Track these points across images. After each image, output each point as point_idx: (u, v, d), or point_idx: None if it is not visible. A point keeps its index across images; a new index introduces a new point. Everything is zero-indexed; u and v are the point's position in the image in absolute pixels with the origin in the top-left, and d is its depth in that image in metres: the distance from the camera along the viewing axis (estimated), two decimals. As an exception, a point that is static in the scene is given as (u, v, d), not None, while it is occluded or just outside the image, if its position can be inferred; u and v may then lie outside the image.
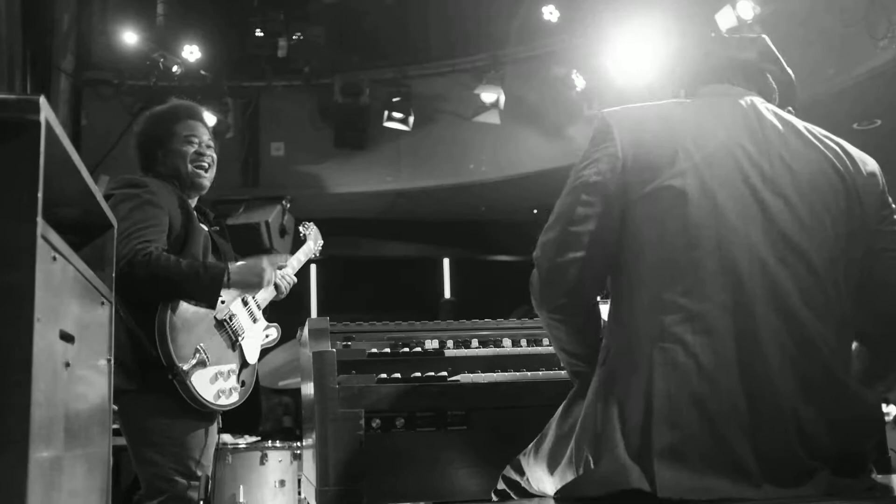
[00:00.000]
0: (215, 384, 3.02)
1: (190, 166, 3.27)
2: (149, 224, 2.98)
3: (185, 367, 2.88)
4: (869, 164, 1.97)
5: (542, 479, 2.02)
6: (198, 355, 2.95)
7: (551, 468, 1.95)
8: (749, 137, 1.88)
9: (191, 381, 2.90)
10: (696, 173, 1.81)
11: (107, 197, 2.96)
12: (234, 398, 3.10)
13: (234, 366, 3.14)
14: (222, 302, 3.11)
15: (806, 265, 1.80)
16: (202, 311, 3.03)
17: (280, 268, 3.39)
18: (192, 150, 3.29)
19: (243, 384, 3.17)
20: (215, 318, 3.07)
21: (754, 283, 1.76)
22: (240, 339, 3.16)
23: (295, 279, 3.51)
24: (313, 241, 3.94)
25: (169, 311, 2.90)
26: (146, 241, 2.92)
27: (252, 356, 3.22)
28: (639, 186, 1.83)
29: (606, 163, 1.86)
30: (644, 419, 1.70)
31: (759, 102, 1.97)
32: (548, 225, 1.92)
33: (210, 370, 3.00)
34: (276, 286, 3.42)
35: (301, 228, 3.98)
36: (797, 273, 1.79)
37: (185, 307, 2.97)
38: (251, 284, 3.16)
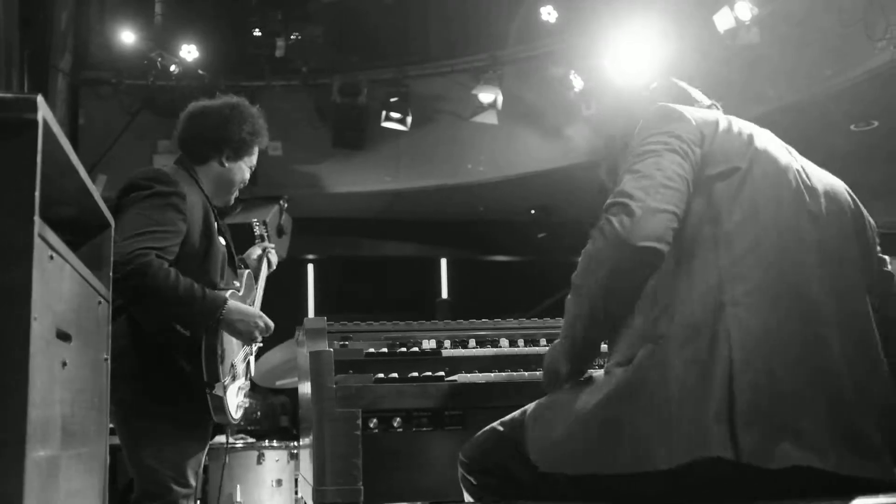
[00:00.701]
0: (237, 398, 3.01)
1: (235, 191, 3.14)
2: (160, 228, 2.75)
3: (226, 383, 2.83)
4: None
5: (559, 452, 1.89)
6: (233, 370, 2.92)
7: (572, 437, 1.86)
8: (786, 149, 2.07)
9: (226, 398, 2.84)
10: (760, 162, 1.94)
11: (132, 186, 2.82)
12: (242, 411, 3.10)
13: (245, 378, 3.13)
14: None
15: (840, 260, 1.96)
16: None
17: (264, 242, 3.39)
18: (247, 177, 3.18)
19: (246, 395, 3.17)
20: None
21: (810, 264, 1.88)
22: (252, 349, 3.15)
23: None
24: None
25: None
26: (149, 247, 2.68)
27: (253, 364, 3.22)
28: (711, 166, 1.91)
29: (689, 136, 1.92)
30: (724, 384, 1.71)
31: None
32: (633, 176, 1.87)
33: (236, 384, 2.99)
34: (269, 262, 3.40)
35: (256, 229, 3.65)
36: (834, 263, 1.93)
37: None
38: (238, 331, 2.89)
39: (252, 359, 3.21)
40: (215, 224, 3.02)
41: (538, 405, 2.03)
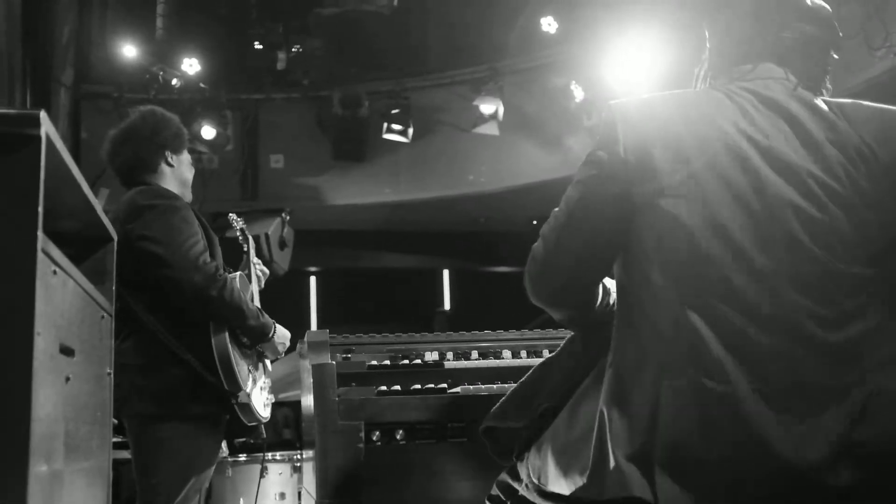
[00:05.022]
0: (261, 397, 3.12)
1: (191, 175, 3.26)
2: (202, 241, 2.95)
3: (248, 390, 2.94)
4: None
5: (555, 480, 1.92)
6: (251, 375, 3.03)
7: (564, 468, 1.88)
8: (752, 136, 1.77)
9: (253, 403, 2.97)
10: (699, 187, 1.72)
11: (143, 207, 2.95)
12: (270, 407, 3.23)
13: (265, 375, 3.24)
14: None
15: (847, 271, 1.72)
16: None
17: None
18: (192, 173, 3.29)
19: (270, 391, 3.28)
20: None
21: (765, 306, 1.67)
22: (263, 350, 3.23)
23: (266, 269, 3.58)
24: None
25: (227, 336, 2.91)
26: (213, 261, 2.94)
27: (269, 363, 3.31)
28: (641, 194, 1.75)
29: (610, 163, 1.79)
30: (646, 425, 1.65)
31: (777, 91, 1.86)
32: (553, 213, 1.91)
33: (258, 386, 3.10)
34: (258, 276, 3.50)
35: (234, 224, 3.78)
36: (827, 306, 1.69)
37: (234, 333, 2.99)
38: (276, 349, 3.20)
39: (267, 359, 3.31)
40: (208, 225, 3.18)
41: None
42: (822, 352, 1.66)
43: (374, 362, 2.84)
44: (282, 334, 3.20)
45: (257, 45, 8.53)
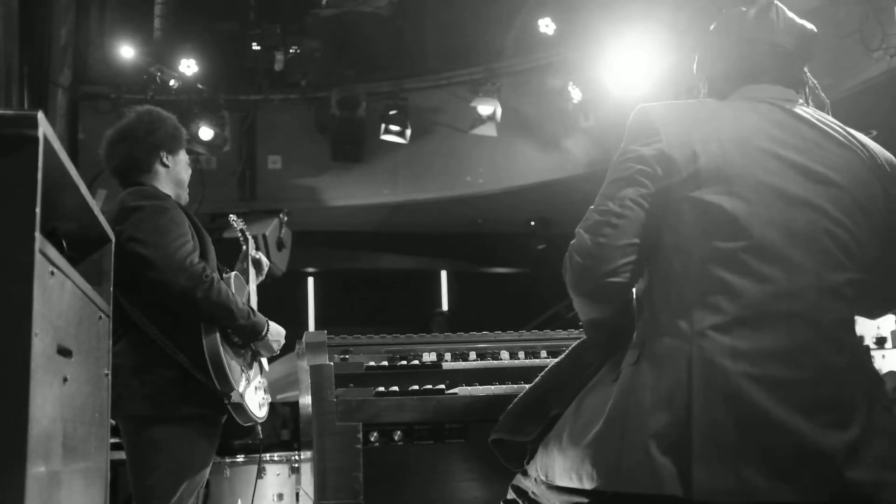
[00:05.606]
0: (256, 397, 3.12)
1: (187, 175, 3.26)
2: (191, 243, 2.94)
3: (241, 390, 2.95)
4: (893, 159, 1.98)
5: (562, 474, 1.95)
6: (244, 375, 3.03)
7: (572, 461, 1.90)
8: (783, 142, 1.88)
9: (246, 403, 2.97)
10: (741, 185, 1.80)
11: (131, 209, 2.94)
12: (266, 407, 3.22)
13: (260, 374, 3.24)
14: None
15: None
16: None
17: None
18: (189, 173, 3.28)
19: (265, 391, 3.27)
20: None
21: (800, 292, 1.75)
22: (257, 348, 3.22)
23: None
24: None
25: (217, 336, 2.91)
26: (200, 262, 2.91)
27: (265, 362, 3.32)
28: (682, 186, 1.83)
29: (653, 158, 1.85)
30: (679, 417, 1.69)
31: (790, 105, 1.98)
32: (591, 210, 1.92)
33: (252, 385, 3.10)
34: (260, 264, 3.51)
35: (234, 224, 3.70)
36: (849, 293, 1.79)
37: (226, 333, 3.00)
38: (271, 347, 3.19)
39: (262, 358, 3.31)
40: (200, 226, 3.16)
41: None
42: (844, 354, 1.74)
43: (372, 363, 2.83)
44: (276, 332, 3.18)
45: (255, 46, 8.52)
